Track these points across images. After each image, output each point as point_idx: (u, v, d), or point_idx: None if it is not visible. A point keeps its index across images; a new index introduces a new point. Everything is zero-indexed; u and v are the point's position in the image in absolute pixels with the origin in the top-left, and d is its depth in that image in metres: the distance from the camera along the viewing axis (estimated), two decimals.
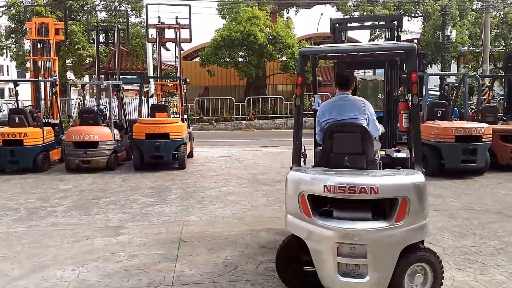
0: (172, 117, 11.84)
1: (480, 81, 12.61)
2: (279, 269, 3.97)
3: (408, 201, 3.45)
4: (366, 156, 3.91)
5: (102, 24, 21.13)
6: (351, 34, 30.59)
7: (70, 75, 27.49)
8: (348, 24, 5.80)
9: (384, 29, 28.09)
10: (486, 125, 9.46)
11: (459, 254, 4.86)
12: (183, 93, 11.82)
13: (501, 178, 9.13)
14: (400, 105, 4.06)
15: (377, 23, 6.11)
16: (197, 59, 28.62)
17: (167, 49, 21.46)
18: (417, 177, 3.63)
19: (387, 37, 5.73)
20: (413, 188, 3.52)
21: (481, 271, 4.40)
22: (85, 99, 12.88)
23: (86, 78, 26.39)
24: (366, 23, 6.26)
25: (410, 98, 3.89)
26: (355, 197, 3.45)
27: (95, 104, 12.05)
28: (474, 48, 27.19)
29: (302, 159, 4.04)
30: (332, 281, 3.58)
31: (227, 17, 25.11)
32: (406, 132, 4.15)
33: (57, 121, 11.64)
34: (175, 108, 18.39)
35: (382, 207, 3.61)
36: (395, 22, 5.87)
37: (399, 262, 3.51)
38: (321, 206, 3.67)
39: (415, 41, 25.81)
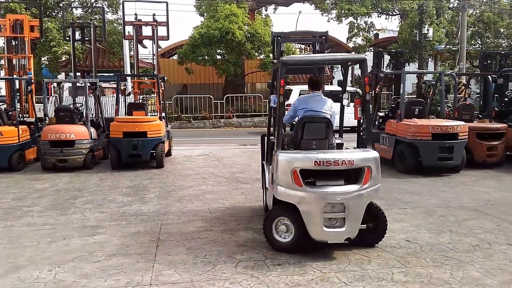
0: (150, 115, 11.72)
1: (457, 79, 12.82)
2: (266, 230, 4.96)
3: (370, 169, 4.69)
4: (328, 140, 5.14)
5: (78, 21, 20.78)
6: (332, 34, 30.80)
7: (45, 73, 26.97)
8: (286, 37, 6.96)
9: (362, 28, 28.49)
10: (462, 123, 9.62)
11: (436, 251, 4.93)
12: (160, 91, 11.70)
13: (477, 175, 9.29)
14: (355, 100, 5.11)
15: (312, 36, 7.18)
16: (175, 57, 28.39)
17: (144, 47, 21.17)
18: (373, 152, 4.85)
19: (317, 48, 7.07)
20: (373, 159, 4.75)
21: (457, 267, 4.47)
22: (61, 97, 12.65)
23: (62, 76, 25.93)
24: (301, 36, 7.46)
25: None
26: (338, 168, 4.65)
27: (71, 103, 11.85)
28: (450, 46, 27.64)
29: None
30: (319, 232, 4.66)
31: (205, 14, 24.97)
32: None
33: (33, 120, 11.41)
34: (152, 106, 18.22)
35: (350, 176, 4.78)
36: (324, 37, 7.10)
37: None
38: (306, 178, 4.67)
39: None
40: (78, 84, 11.74)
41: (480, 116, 11.42)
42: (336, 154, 4.74)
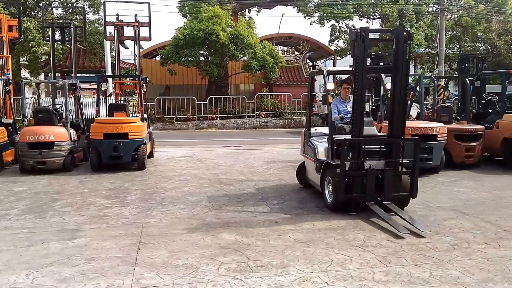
0: (132, 116, 11.63)
1: (436, 82, 13.01)
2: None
3: None
4: None
5: (58, 21, 20.51)
6: (308, 33, 30.93)
7: (24, 73, 26.54)
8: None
9: (344, 31, 28.69)
10: (441, 124, 9.77)
11: (416, 250, 4.99)
12: (142, 92, 11.62)
13: (456, 176, 9.44)
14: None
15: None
16: (158, 58, 28.24)
17: (126, 47, 21.04)
18: None
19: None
20: None
21: (437, 266, 4.53)
22: (40, 98, 12.46)
23: (41, 77, 25.56)
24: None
25: None
26: None
27: (51, 103, 11.68)
28: (430, 50, 28.08)
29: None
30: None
31: (188, 15, 24.89)
32: None
33: (11, 121, 11.21)
34: (134, 107, 18.07)
35: None
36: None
37: None
38: None
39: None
40: (57, 85, 11.59)
41: (459, 118, 11.60)
42: None
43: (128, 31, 14.95)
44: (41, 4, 22.68)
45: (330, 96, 6.99)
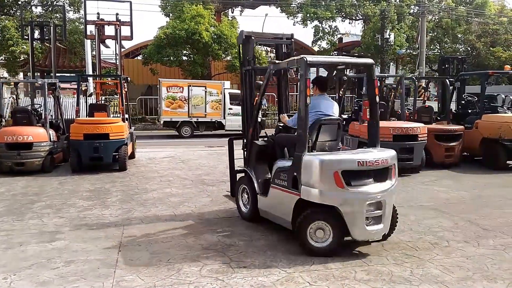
0: (113, 116, 11.50)
1: (416, 82, 13.16)
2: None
3: (395, 167, 4.98)
4: (338, 142, 5.49)
5: (37, 19, 20.19)
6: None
7: (2, 73, 26.09)
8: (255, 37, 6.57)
9: (327, 32, 28.88)
10: (422, 125, 9.89)
11: (397, 249, 5.03)
12: (123, 92, 11.51)
13: (436, 175, 9.56)
14: (364, 102, 5.65)
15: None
16: (140, 57, 28.02)
17: (106, 47, 20.80)
18: (388, 151, 5.04)
19: (284, 51, 6.81)
20: (395, 158, 5.00)
21: (417, 265, 4.57)
22: (19, 98, 12.25)
23: (20, 76, 25.15)
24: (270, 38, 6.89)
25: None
26: (379, 167, 4.77)
27: (29, 104, 11.49)
28: (411, 51, 28.45)
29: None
30: (362, 232, 4.73)
31: (171, 14, 24.76)
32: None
33: None
34: (115, 107, 17.89)
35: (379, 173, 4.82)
36: (291, 40, 6.79)
37: None
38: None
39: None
40: (36, 85, 11.40)
41: (439, 118, 11.76)
42: (374, 154, 4.86)
43: (109, 30, 14.81)
44: (20, 2, 22.32)
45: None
